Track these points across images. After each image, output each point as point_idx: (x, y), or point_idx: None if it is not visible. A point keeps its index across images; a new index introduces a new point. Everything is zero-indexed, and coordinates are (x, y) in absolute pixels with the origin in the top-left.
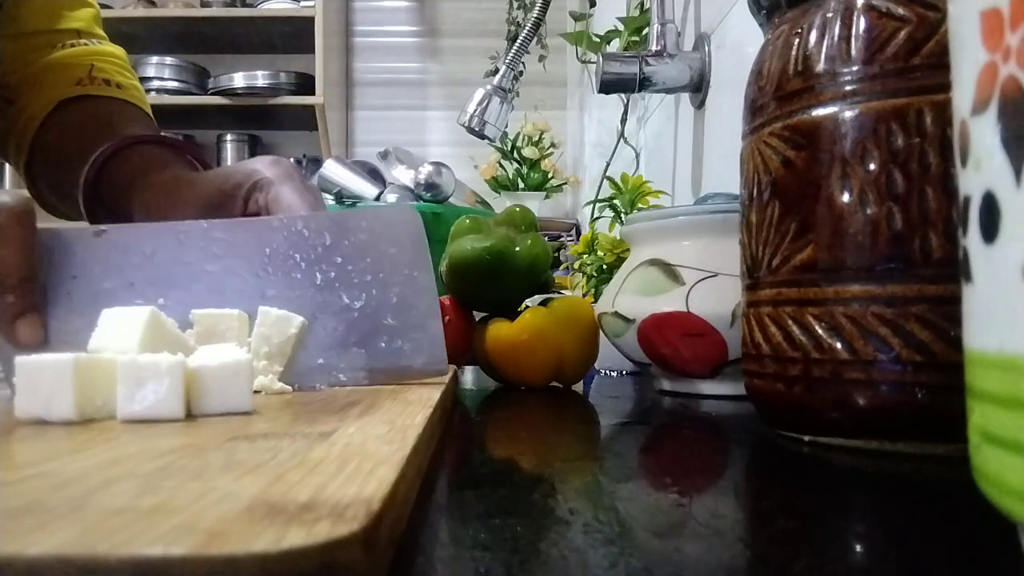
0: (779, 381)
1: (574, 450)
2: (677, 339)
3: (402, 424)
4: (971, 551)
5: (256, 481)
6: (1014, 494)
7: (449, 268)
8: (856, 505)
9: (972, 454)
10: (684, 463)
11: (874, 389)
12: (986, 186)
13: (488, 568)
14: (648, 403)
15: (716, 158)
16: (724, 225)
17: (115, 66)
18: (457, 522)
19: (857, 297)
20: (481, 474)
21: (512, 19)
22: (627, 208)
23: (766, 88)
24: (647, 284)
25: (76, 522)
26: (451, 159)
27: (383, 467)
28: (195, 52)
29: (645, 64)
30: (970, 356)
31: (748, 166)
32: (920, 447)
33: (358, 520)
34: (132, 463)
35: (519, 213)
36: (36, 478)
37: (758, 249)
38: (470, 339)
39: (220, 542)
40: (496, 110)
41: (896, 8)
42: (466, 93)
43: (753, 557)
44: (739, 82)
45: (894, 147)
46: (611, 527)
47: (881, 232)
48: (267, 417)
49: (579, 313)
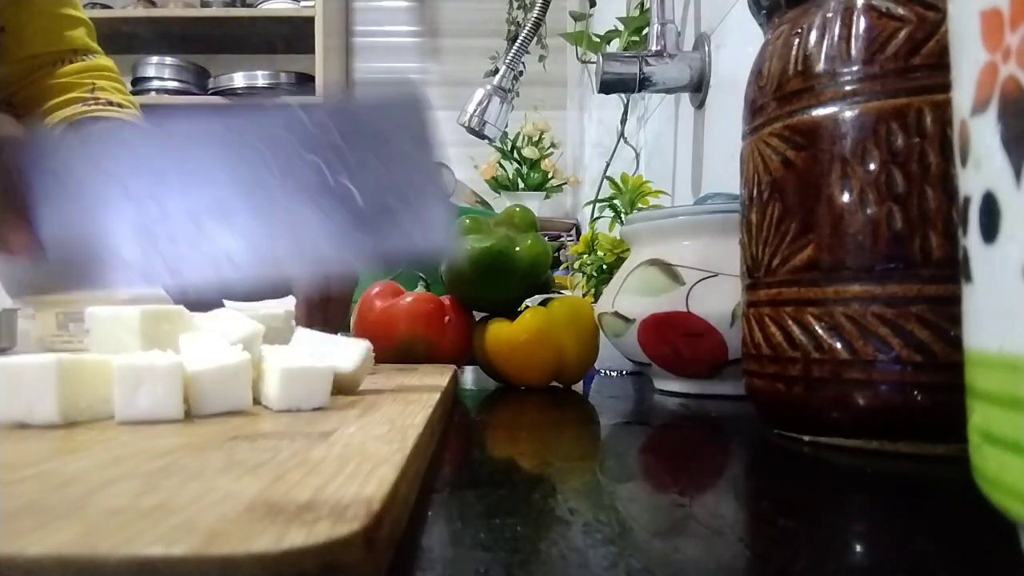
0: (779, 381)
1: (574, 450)
2: (677, 339)
3: (402, 424)
4: (971, 551)
5: (256, 481)
6: (1014, 494)
7: (449, 268)
8: (856, 505)
9: (972, 454)
10: (684, 463)
11: (874, 389)
12: (986, 186)
13: (488, 568)
14: (648, 403)
15: (716, 158)
16: (724, 225)
17: (111, 82)
18: (457, 522)
19: (857, 297)
20: (481, 474)
21: (512, 19)
22: (627, 208)
23: (766, 88)
24: (647, 284)
25: (76, 522)
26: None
27: (383, 467)
28: (195, 52)
29: (645, 64)
30: (970, 356)
31: (748, 166)
32: (920, 447)
33: (358, 520)
34: (132, 463)
35: (519, 213)
36: (36, 478)
37: (758, 249)
38: (470, 339)
39: (220, 542)
40: (496, 110)
41: (896, 8)
42: (466, 93)
43: (753, 557)
44: (739, 82)
45: (894, 147)
46: (611, 527)
47: (881, 232)
48: (267, 417)
49: (579, 313)
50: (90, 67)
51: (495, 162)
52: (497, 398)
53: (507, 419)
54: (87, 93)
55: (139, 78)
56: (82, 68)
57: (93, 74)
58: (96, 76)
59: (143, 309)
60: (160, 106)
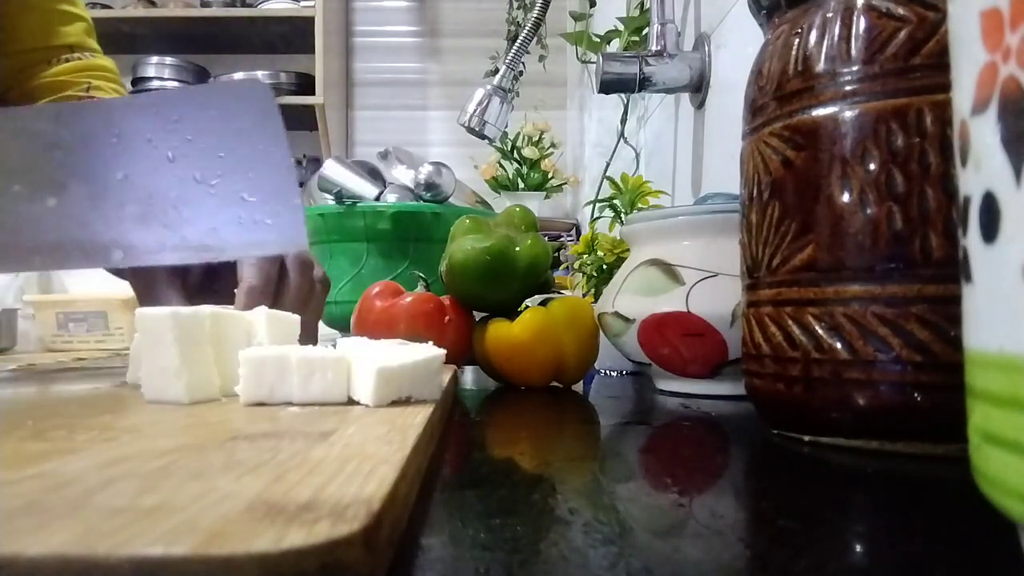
0: (779, 381)
1: (574, 450)
2: (677, 339)
3: (402, 424)
4: (971, 551)
5: (256, 481)
6: (1014, 494)
7: (449, 268)
8: (856, 505)
9: (972, 454)
10: (684, 463)
11: (874, 389)
12: (986, 186)
13: (488, 568)
14: (648, 403)
15: (716, 158)
16: (724, 225)
17: (109, 82)
18: (457, 522)
19: (857, 297)
20: (481, 474)
21: (512, 19)
22: (627, 208)
23: (766, 88)
24: (647, 284)
25: (76, 522)
26: (451, 159)
27: (383, 467)
28: (195, 52)
29: (645, 64)
30: (970, 356)
31: (748, 166)
32: (920, 447)
33: (358, 520)
34: (132, 463)
35: (519, 213)
36: (36, 478)
37: (758, 249)
38: (470, 339)
39: (220, 542)
40: (496, 110)
41: (896, 8)
42: (466, 93)
43: (753, 557)
44: (739, 82)
45: (894, 147)
46: (611, 527)
47: (881, 232)
48: (267, 417)
49: (579, 313)
50: (87, 66)
51: (495, 162)
52: (497, 398)
53: (507, 419)
54: (82, 92)
55: (139, 78)
56: (78, 67)
57: (89, 73)
58: (92, 76)
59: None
60: None
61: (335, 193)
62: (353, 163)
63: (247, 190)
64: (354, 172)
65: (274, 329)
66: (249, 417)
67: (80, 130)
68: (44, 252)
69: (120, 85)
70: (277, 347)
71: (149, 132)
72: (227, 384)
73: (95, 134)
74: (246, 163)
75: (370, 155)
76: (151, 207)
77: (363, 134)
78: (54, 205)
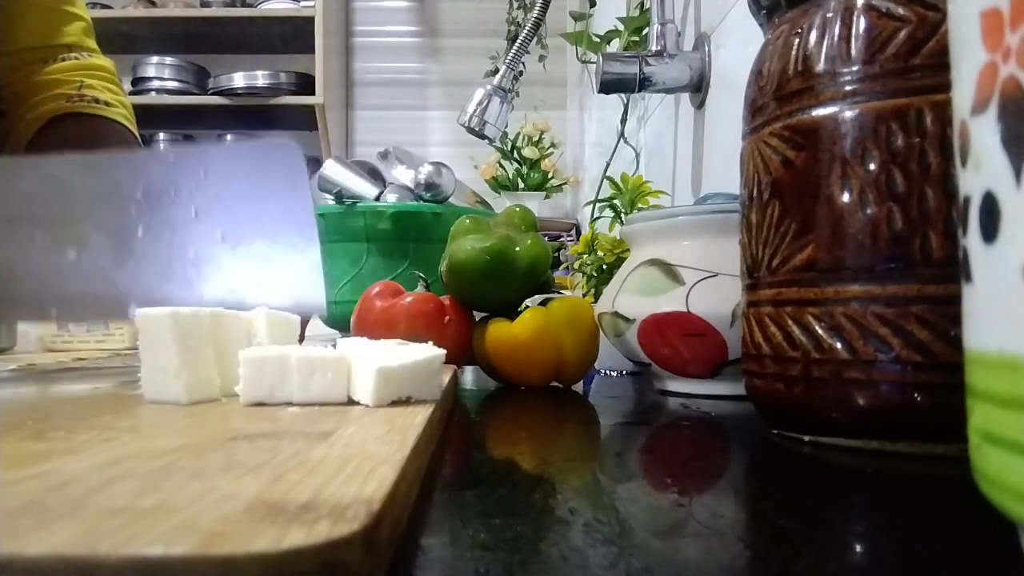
0: (779, 381)
1: (574, 450)
2: (677, 339)
3: (402, 424)
4: (971, 551)
5: (256, 481)
6: (1014, 494)
7: (449, 268)
8: (856, 505)
9: (972, 454)
10: (684, 463)
11: (874, 389)
12: (986, 186)
13: (488, 568)
14: (648, 403)
15: (716, 158)
16: (724, 225)
17: (104, 81)
18: (457, 522)
19: (857, 297)
20: (481, 474)
21: (512, 19)
22: (627, 208)
23: (766, 88)
24: (647, 284)
25: (76, 522)
26: (451, 159)
27: (383, 467)
28: (195, 52)
29: (645, 64)
30: (970, 356)
31: (748, 166)
32: (920, 447)
33: (358, 520)
34: (132, 463)
35: (519, 213)
36: (36, 478)
37: (758, 249)
38: (470, 339)
39: (220, 542)
40: (496, 110)
41: (896, 8)
42: (466, 93)
43: (753, 557)
44: (739, 82)
45: (894, 147)
46: (611, 527)
47: (881, 232)
48: (267, 417)
49: (579, 313)
50: (82, 65)
51: (495, 162)
52: (497, 398)
53: (507, 419)
54: (73, 90)
55: (139, 78)
56: (73, 66)
57: (83, 72)
58: (86, 75)
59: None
60: (160, 106)
61: (335, 193)
62: (353, 163)
63: (269, 251)
64: (354, 172)
65: (274, 329)
66: (249, 417)
67: (107, 181)
68: (60, 304)
69: (117, 85)
70: (277, 347)
71: (176, 187)
72: (227, 384)
73: (122, 186)
74: (270, 223)
75: (370, 155)
76: (171, 264)
77: (363, 134)
78: (74, 258)
